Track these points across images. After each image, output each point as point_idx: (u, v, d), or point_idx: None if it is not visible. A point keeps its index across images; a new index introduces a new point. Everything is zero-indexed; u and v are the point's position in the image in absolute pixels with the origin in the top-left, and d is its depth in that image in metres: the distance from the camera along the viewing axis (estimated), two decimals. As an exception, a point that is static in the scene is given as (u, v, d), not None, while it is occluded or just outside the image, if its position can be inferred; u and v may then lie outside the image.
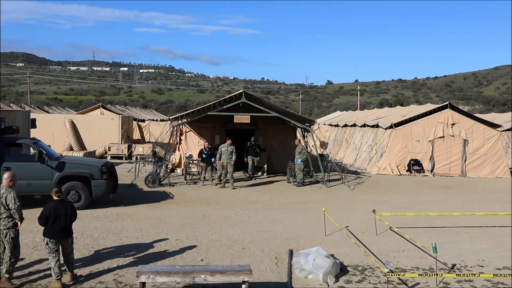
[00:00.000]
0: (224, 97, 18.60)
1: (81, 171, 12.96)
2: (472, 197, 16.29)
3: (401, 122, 22.41)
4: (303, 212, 13.11)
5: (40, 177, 12.50)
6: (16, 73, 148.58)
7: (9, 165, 12.09)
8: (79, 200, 12.74)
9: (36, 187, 12.52)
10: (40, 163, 12.43)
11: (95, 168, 13.02)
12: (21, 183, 11.91)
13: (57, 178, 12.59)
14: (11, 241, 7.16)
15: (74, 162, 13.54)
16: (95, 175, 12.90)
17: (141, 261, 8.34)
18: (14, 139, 12.99)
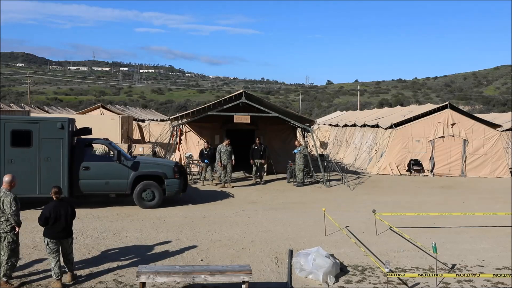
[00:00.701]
0: (224, 97, 18.60)
1: (155, 170, 13.45)
2: (472, 197, 16.29)
3: (401, 122, 22.40)
4: (303, 212, 13.11)
5: (117, 176, 13.01)
6: (16, 73, 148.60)
7: (88, 165, 12.78)
8: (153, 199, 13.24)
9: (113, 186, 13.05)
10: (117, 163, 12.93)
11: (169, 168, 13.49)
12: (99, 182, 12.74)
13: (133, 178, 13.11)
14: (9, 245, 7.14)
15: (148, 162, 13.95)
16: (168, 174, 13.38)
17: (141, 261, 8.34)
18: (91, 139, 13.50)
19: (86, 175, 12.81)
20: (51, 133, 12.36)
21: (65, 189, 12.35)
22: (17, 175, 11.67)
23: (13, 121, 12.66)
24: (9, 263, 7.15)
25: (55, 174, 12.39)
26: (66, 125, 12.44)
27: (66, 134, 12.45)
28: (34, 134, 12.28)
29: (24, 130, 12.30)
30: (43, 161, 12.33)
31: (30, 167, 12.24)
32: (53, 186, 7.63)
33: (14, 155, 12.18)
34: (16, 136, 12.23)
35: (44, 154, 12.33)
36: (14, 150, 12.18)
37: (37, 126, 12.33)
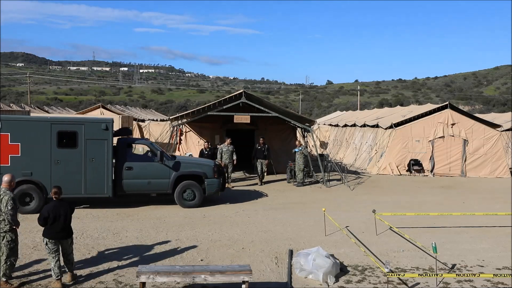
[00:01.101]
0: (224, 97, 18.60)
1: (196, 170, 13.63)
2: (472, 197, 16.29)
3: (401, 122, 22.40)
4: (303, 212, 13.11)
5: (159, 176, 13.20)
6: (16, 73, 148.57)
7: (131, 165, 13.01)
8: (194, 199, 13.45)
9: (155, 185, 13.25)
10: (159, 163, 13.12)
11: (209, 168, 13.71)
12: (141, 182, 13.31)
13: (174, 177, 13.30)
14: (8, 244, 7.13)
15: (188, 162, 14.06)
16: (209, 174, 13.60)
17: (141, 261, 8.34)
18: (133, 140, 13.86)
19: (129, 175, 13.03)
20: (95, 134, 12.58)
21: (109, 189, 12.72)
22: (63, 175, 12.20)
23: (60, 122, 12.87)
24: (8, 262, 7.15)
25: (100, 174, 12.63)
26: (110, 126, 12.68)
27: (110, 135, 12.68)
28: (79, 135, 12.50)
29: (70, 131, 12.54)
30: (88, 161, 12.55)
31: (75, 167, 12.46)
32: (53, 186, 7.63)
33: (61, 156, 12.39)
34: (62, 137, 12.46)
35: (89, 155, 12.55)
36: (60, 151, 12.39)
37: (82, 127, 12.56)
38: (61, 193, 7.51)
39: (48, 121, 12.62)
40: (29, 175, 12.19)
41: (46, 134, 12.30)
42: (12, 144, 12.13)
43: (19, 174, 11.80)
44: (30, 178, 12.20)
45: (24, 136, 12.20)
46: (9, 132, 12.11)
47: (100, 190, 12.70)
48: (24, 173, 12.10)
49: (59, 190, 7.48)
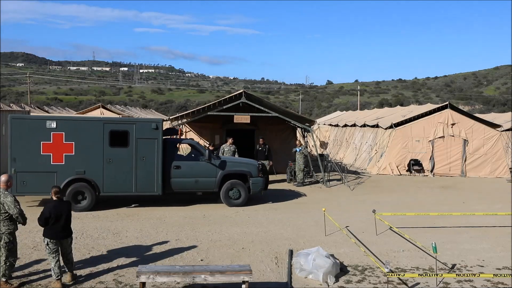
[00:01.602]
0: (224, 97, 18.59)
1: (242, 169, 13.91)
2: (472, 197, 16.29)
3: (401, 122, 22.39)
4: (303, 212, 13.11)
5: (206, 175, 13.49)
6: (16, 73, 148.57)
7: (179, 164, 13.30)
8: (239, 197, 13.70)
9: (202, 184, 13.53)
10: (205, 162, 13.43)
11: (254, 167, 14.01)
12: (189, 180, 13.46)
13: (221, 176, 13.57)
14: (6, 246, 7.12)
15: (233, 161, 14.40)
16: (253, 173, 13.87)
17: (141, 261, 8.34)
18: (180, 139, 14.08)
19: (177, 174, 13.28)
20: (146, 133, 12.86)
21: (159, 187, 13.01)
22: (115, 174, 12.55)
23: (112, 122, 13.28)
24: (8, 263, 7.14)
25: (150, 173, 12.93)
26: (160, 126, 12.99)
27: (160, 134, 12.96)
28: (130, 135, 12.79)
29: (122, 130, 12.83)
30: (138, 160, 12.83)
31: (126, 166, 12.77)
32: (53, 186, 7.63)
33: (112, 155, 12.70)
34: (114, 136, 12.73)
35: (140, 154, 12.83)
36: (112, 149, 12.69)
37: (133, 126, 12.86)
38: (61, 192, 7.51)
39: (101, 121, 13.03)
40: (82, 173, 12.55)
41: (99, 134, 12.62)
42: (67, 143, 12.44)
43: (73, 172, 12.42)
44: (83, 176, 12.55)
45: (78, 136, 12.51)
46: (64, 131, 12.42)
47: (150, 188, 13.03)
48: (77, 172, 12.49)
49: (59, 189, 7.49)
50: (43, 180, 12.14)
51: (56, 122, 12.43)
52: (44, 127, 12.29)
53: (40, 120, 12.67)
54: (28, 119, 13.29)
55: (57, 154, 12.35)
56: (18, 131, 12.24)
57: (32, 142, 12.23)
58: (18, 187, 12.01)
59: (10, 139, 12.28)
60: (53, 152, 12.36)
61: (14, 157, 12.22)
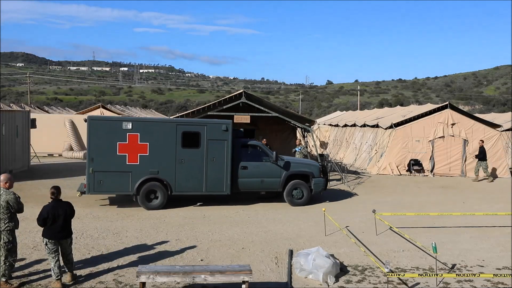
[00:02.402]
0: (224, 97, 18.60)
1: (304, 170, 14.28)
2: (472, 197, 16.29)
3: (401, 122, 22.39)
4: (303, 212, 13.11)
5: (271, 175, 13.89)
6: (16, 73, 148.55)
7: (246, 164, 13.69)
8: (302, 197, 14.05)
9: (268, 184, 13.94)
10: (270, 163, 13.83)
11: (315, 168, 14.44)
12: (255, 180, 13.89)
13: (285, 177, 13.94)
14: (5, 245, 7.12)
15: (297, 162, 14.73)
16: (315, 173, 14.28)
17: (141, 261, 8.34)
18: (247, 140, 14.39)
19: (244, 174, 13.69)
20: (216, 134, 13.25)
21: (227, 187, 13.43)
22: (186, 174, 12.87)
23: (184, 124, 13.53)
24: (7, 263, 7.14)
25: (219, 173, 13.32)
26: (230, 128, 13.34)
27: (229, 136, 13.36)
28: (202, 136, 13.19)
29: (194, 132, 13.21)
30: (209, 161, 13.23)
31: (197, 166, 13.16)
32: (51, 187, 7.59)
33: (184, 155, 13.08)
34: (186, 137, 13.13)
35: (210, 155, 13.24)
36: (184, 150, 13.08)
37: (204, 128, 13.24)
38: (59, 193, 7.46)
39: (174, 122, 13.39)
40: (156, 173, 12.91)
41: (172, 135, 12.99)
42: (141, 144, 12.80)
43: (147, 172, 12.82)
44: (156, 176, 12.90)
45: (152, 136, 12.85)
46: (139, 132, 12.77)
47: (219, 188, 13.41)
48: (151, 171, 12.87)
49: (56, 190, 7.44)
50: (118, 180, 12.65)
51: (132, 123, 12.79)
52: (121, 128, 12.67)
53: (117, 121, 13.05)
54: (105, 120, 13.60)
55: (132, 154, 12.76)
56: (96, 132, 12.61)
57: (109, 143, 12.59)
58: (95, 186, 12.57)
59: (88, 140, 12.70)
60: (129, 152, 12.75)
61: (92, 157, 12.61)
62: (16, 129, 18.97)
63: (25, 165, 20.15)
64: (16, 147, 18.96)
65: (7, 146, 18.10)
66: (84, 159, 25.49)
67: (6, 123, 18.03)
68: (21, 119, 19.90)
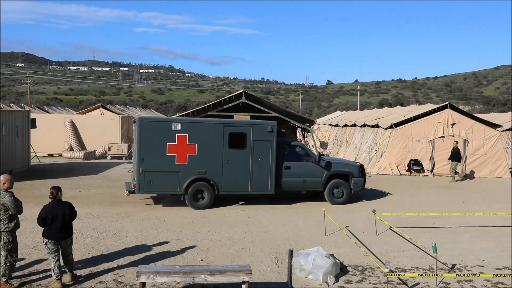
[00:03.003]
0: (224, 97, 18.63)
1: (345, 170, 14.61)
2: (472, 197, 16.29)
3: (401, 122, 22.40)
4: (303, 212, 13.11)
5: (313, 175, 14.14)
6: (16, 73, 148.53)
7: (289, 165, 13.90)
8: (342, 196, 14.37)
9: (309, 184, 14.21)
10: (312, 163, 14.09)
11: (355, 167, 14.76)
12: (298, 180, 14.12)
13: (326, 176, 14.23)
14: (6, 246, 7.12)
15: (337, 162, 15.22)
16: (355, 173, 14.58)
17: (141, 261, 8.34)
18: (289, 141, 14.77)
19: (288, 174, 13.90)
20: (262, 135, 13.47)
21: (272, 187, 13.65)
22: (233, 174, 13.07)
23: (231, 125, 13.69)
24: (8, 263, 7.13)
25: (264, 173, 13.55)
26: (274, 129, 13.58)
27: (274, 137, 13.56)
28: (248, 137, 13.40)
29: (240, 133, 13.43)
30: (254, 161, 13.44)
31: (243, 166, 13.39)
32: (51, 187, 7.57)
33: (231, 156, 13.31)
34: (233, 138, 13.35)
35: (256, 155, 13.44)
36: (231, 151, 13.31)
37: (250, 129, 13.44)
38: (57, 193, 7.43)
39: (221, 124, 13.48)
40: (203, 173, 13.17)
41: (219, 136, 13.21)
42: (190, 144, 13.00)
43: (195, 172, 13.06)
44: (204, 176, 13.16)
45: (200, 137, 13.07)
46: (187, 133, 12.97)
47: (264, 188, 13.63)
48: (199, 172, 13.12)
49: (56, 190, 7.43)
50: (167, 180, 12.90)
51: (181, 124, 13.00)
52: (170, 129, 12.86)
53: (167, 122, 13.25)
54: (155, 121, 13.77)
55: (181, 154, 12.95)
56: (146, 133, 12.78)
57: (159, 143, 12.78)
58: (145, 186, 12.79)
59: (138, 140, 12.82)
60: (178, 153, 12.94)
61: (142, 157, 12.76)
62: (16, 129, 18.97)
63: (25, 165, 20.15)
64: (16, 147, 18.96)
65: (7, 146, 18.11)
66: (84, 159, 25.53)
67: (6, 123, 18.04)
68: (21, 119, 19.90)
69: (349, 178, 14.47)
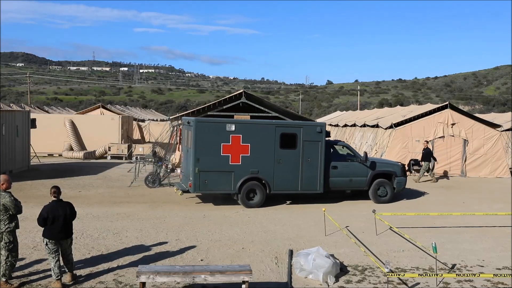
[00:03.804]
0: (224, 97, 18.63)
1: (389, 169, 14.99)
2: (472, 197, 16.30)
3: (401, 122, 22.40)
4: (303, 212, 13.11)
5: (359, 174, 14.57)
6: (16, 73, 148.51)
7: (336, 164, 14.33)
8: (386, 195, 14.67)
9: (355, 183, 14.62)
10: (358, 163, 14.53)
11: (398, 167, 15.17)
12: (344, 179, 14.54)
13: (371, 176, 14.60)
14: (6, 246, 7.12)
15: (381, 162, 15.60)
16: (398, 173, 14.98)
17: (141, 261, 8.34)
18: (334, 141, 15.13)
19: (335, 174, 14.34)
20: (311, 136, 13.81)
21: (321, 186, 14.03)
22: (283, 173, 13.32)
23: (283, 126, 14.11)
24: (8, 263, 7.14)
25: (314, 173, 13.88)
26: (324, 129, 13.96)
27: (323, 137, 13.92)
28: (298, 137, 13.74)
29: (291, 133, 13.77)
30: (304, 161, 13.75)
31: (294, 166, 13.71)
32: (52, 186, 7.58)
33: (282, 156, 13.65)
34: (284, 139, 13.68)
35: (306, 155, 13.77)
36: (282, 151, 13.64)
37: (301, 130, 13.80)
38: (60, 193, 7.46)
39: (273, 125, 13.84)
40: (256, 173, 13.51)
41: (271, 136, 13.55)
42: (243, 145, 13.38)
43: (248, 172, 13.41)
44: (256, 175, 13.48)
45: (253, 138, 13.43)
46: (241, 134, 13.34)
47: (313, 187, 14.00)
48: (252, 171, 13.47)
49: (57, 190, 7.44)
50: (222, 179, 13.28)
51: (235, 125, 13.36)
52: (224, 130, 13.21)
53: (221, 123, 13.50)
54: (211, 122, 13.98)
55: (235, 155, 13.30)
56: (202, 134, 13.14)
57: (214, 144, 13.15)
58: (201, 185, 13.18)
59: (194, 141, 13.10)
60: (232, 153, 13.29)
61: (198, 158, 13.10)
62: (16, 129, 18.98)
63: (25, 165, 20.16)
64: (16, 147, 18.97)
65: (7, 146, 18.11)
66: (84, 159, 25.53)
67: (6, 123, 18.04)
68: (21, 119, 19.91)
69: (392, 178, 14.79)
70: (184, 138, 14.70)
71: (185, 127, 14.35)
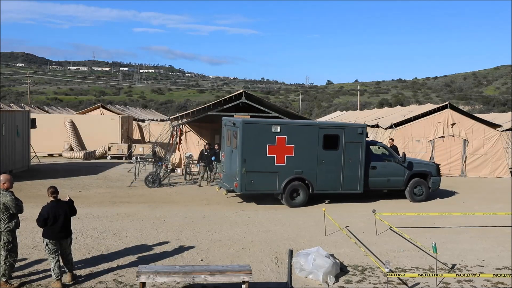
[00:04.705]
0: (224, 97, 18.64)
1: (424, 169, 15.39)
2: (472, 197, 16.29)
3: (401, 122, 22.40)
4: (303, 212, 13.11)
5: (396, 174, 14.95)
6: (16, 73, 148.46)
7: (375, 165, 14.67)
8: (422, 194, 15.13)
9: (393, 183, 14.99)
10: (395, 163, 14.89)
11: (433, 167, 15.60)
12: (383, 179, 14.87)
13: (408, 176, 15.00)
14: (5, 246, 7.12)
15: (417, 162, 15.89)
16: (433, 173, 15.43)
17: (141, 261, 8.34)
18: (372, 142, 15.35)
19: (374, 174, 14.67)
20: (353, 137, 14.14)
21: (361, 186, 14.39)
22: (326, 174, 13.58)
23: (326, 127, 14.43)
24: (7, 263, 7.14)
25: (354, 173, 14.22)
26: (364, 131, 14.28)
27: (364, 138, 14.25)
28: (340, 138, 14.05)
29: (333, 134, 14.09)
30: (346, 161, 14.10)
31: (336, 167, 14.06)
32: (49, 186, 7.55)
33: (325, 157, 13.95)
34: (327, 140, 13.99)
35: (347, 156, 14.11)
36: (325, 152, 13.94)
37: (343, 131, 14.13)
38: (58, 193, 7.44)
39: (317, 126, 14.24)
40: (300, 173, 13.78)
41: (315, 137, 13.85)
42: (288, 146, 13.62)
43: (292, 172, 13.68)
44: (300, 176, 13.75)
45: (297, 139, 13.69)
46: (286, 135, 13.59)
47: (354, 187, 14.34)
48: (296, 172, 13.74)
49: (55, 190, 7.42)
50: (267, 179, 13.54)
51: (280, 127, 13.60)
52: (270, 131, 13.48)
53: (267, 125, 13.73)
54: (257, 123, 14.13)
55: (280, 155, 13.57)
56: (248, 135, 13.38)
57: (260, 145, 13.42)
58: (247, 186, 13.45)
59: (241, 142, 13.35)
60: (277, 154, 13.56)
61: (245, 158, 13.36)
62: (16, 129, 18.98)
63: (25, 165, 20.15)
64: (16, 147, 18.97)
65: (7, 146, 18.11)
66: (84, 159, 25.53)
67: (6, 123, 18.04)
68: (21, 119, 19.90)
69: (427, 177, 15.15)
70: (227, 138, 14.77)
71: (229, 128, 14.46)
